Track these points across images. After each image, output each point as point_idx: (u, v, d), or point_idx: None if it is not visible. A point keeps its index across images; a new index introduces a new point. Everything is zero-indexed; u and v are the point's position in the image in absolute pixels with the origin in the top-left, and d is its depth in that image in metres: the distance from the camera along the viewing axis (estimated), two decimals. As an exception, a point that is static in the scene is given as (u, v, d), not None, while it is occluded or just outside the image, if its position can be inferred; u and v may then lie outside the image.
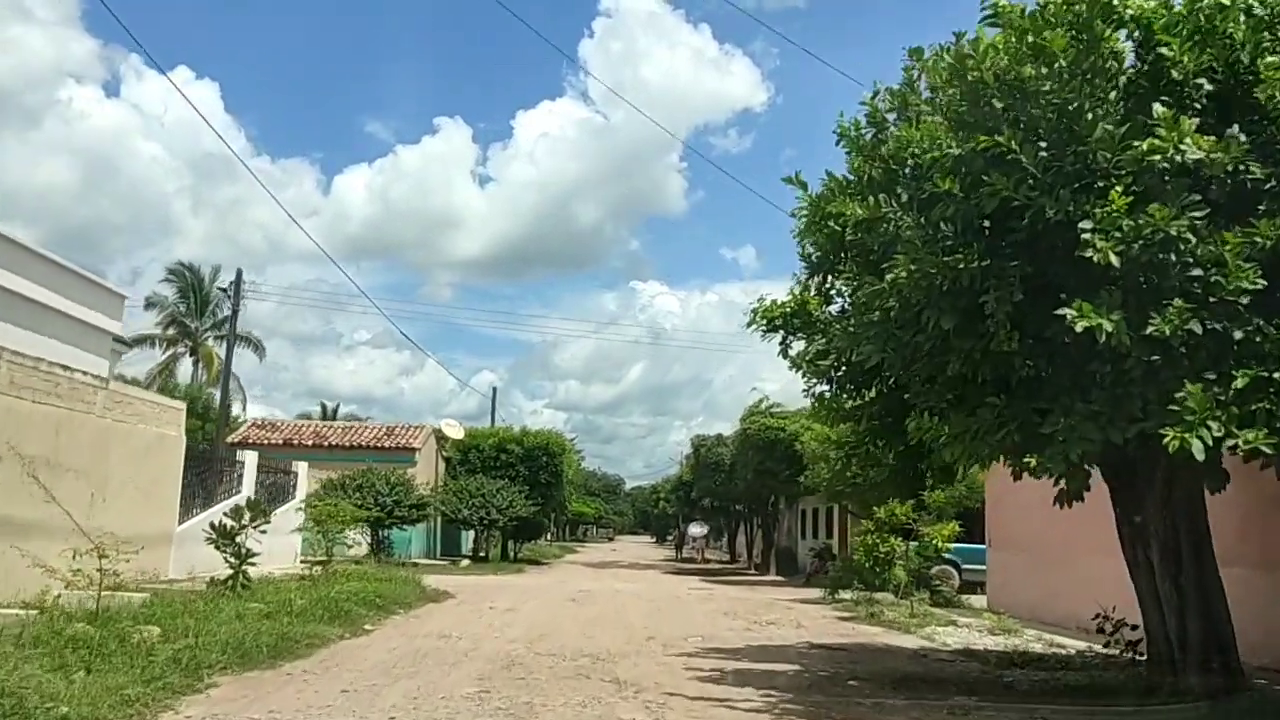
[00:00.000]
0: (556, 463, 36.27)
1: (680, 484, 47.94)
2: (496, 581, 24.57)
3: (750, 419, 27.61)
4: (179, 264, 56.99)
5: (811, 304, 10.06)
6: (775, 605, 19.10)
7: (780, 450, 26.81)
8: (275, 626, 10.26)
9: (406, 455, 32.23)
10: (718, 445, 32.94)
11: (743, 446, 27.87)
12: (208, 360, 53.83)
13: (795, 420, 27.35)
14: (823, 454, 19.95)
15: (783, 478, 27.03)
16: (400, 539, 31.28)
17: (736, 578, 32.73)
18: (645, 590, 23.15)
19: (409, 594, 16.74)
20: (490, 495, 32.98)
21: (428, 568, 29.03)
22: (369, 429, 33.45)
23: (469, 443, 36.49)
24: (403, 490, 28.80)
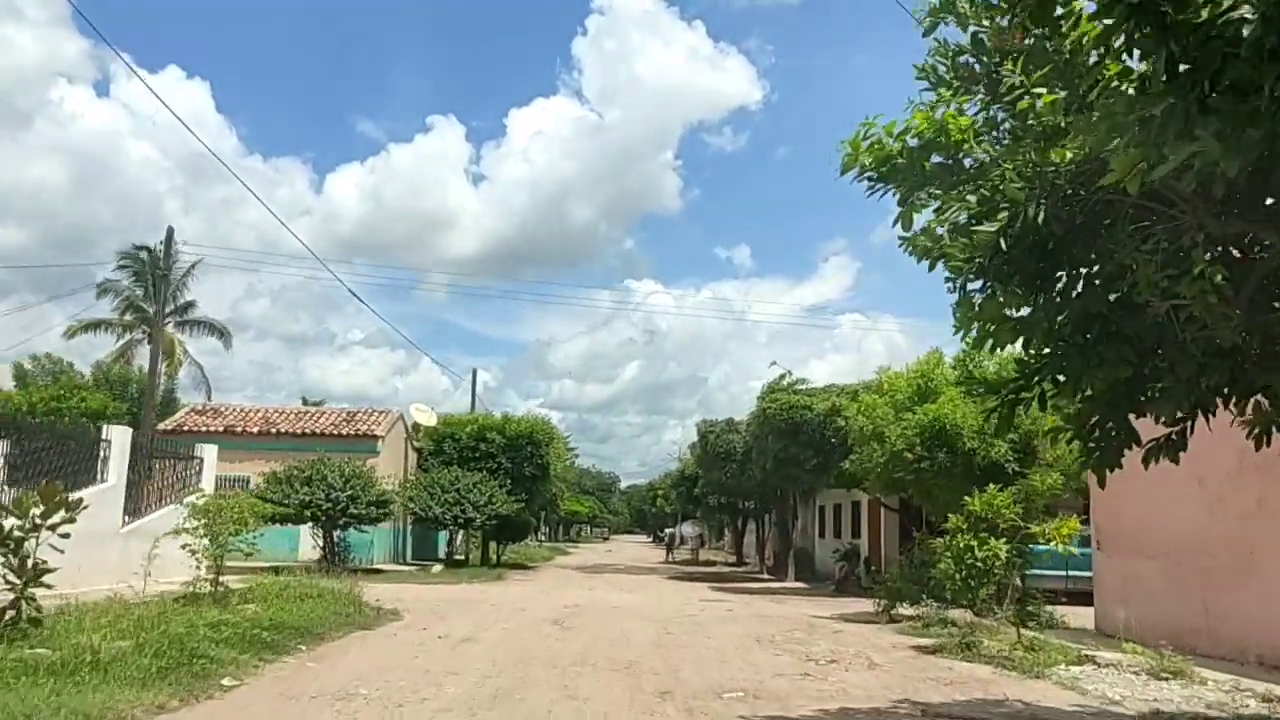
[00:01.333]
0: (543, 453, 31.87)
1: (682, 479, 43.61)
2: (466, 593, 20.18)
3: (771, 397, 23.30)
4: (134, 247, 52.26)
5: (957, 125, 5.65)
6: (818, 627, 14.76)
7: (808, 433, 22.50)
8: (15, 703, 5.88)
9: (368, 444, 27.84)
10: (728, 432, 28.64)
11: (760, 430, 23.53)
12: (168, 348, 49.56)
13: (825, 398, 23.03)
14: (876, 432, 15.63)
15: (810, 466, 22.73)
16: (360, 542, 26.90)
17: (751, 584, 28.38)
18: (648, 604, 18.81)
19: (334, 618, 12.39)
20: (466, 490, 28.59)
21: (388, 576, 24.65)
22: (325, 414, 29.12)
23: (443, 431, 32.07)
24: (360, 484, 24.42)
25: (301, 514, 23.85)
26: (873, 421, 15.67)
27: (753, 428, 24.26)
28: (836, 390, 23.39)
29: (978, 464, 15.02)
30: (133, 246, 50.78)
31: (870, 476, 15.99)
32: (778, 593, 24.12)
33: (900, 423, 15.33)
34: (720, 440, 28.42)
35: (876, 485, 16.18)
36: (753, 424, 24.41)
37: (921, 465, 14.87)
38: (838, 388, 23.58)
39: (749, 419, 25.38)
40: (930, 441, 14.91)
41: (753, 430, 24.36)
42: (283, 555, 27.15)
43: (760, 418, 23.56)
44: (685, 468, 43.43)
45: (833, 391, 23.33)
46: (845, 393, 23.03)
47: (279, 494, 23.91)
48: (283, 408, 30.16)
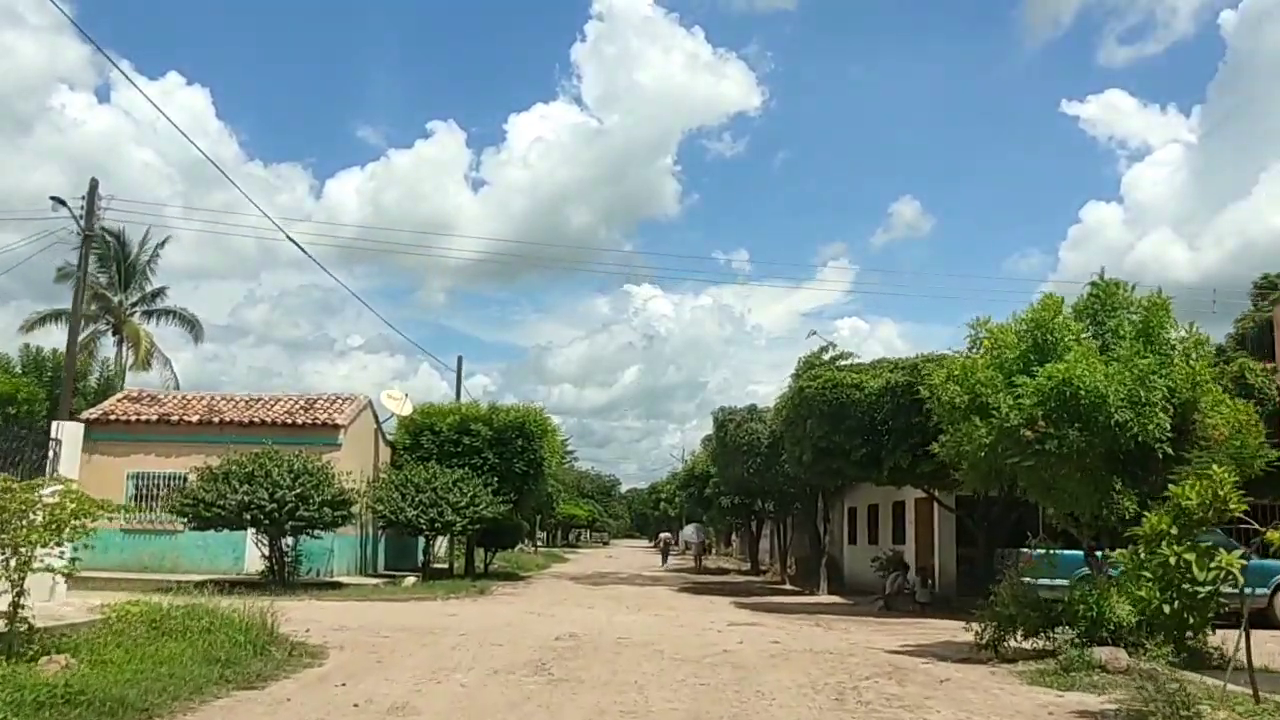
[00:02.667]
0: (535, 447, 27.71)
1: (691, 478, 39.41)
2: (434, 616, 16.01)
3: (810, 375, 19.14)
4: (100, 229, 47.86)
5: None
6: (907, 671, 10.61)
7: (856, 417, 18.35)
8: None
9: (327, 435, 23.67)
10: (751, 420, 24.51)
11: (796, 415, 19.38)
12: (133, 339, 45.50)
13: (876, 374, 18.89)
14: (976, 404, 11.45)
15: (857, 457, 18.56)
16: (317, 550, 22.73)
17: (778, 599, 24.20)
18: (664, 630, 14.66)
19: (202, 672, 8.26)
20: (444, 489, 24.44)
21: (346, 592, 20.50)
22: (279, 401, 24.98)
23: (420, 422, 27.91)
24: (313, 481, 20.25)
25: (239, 517, 19.70)
26: (970, 390, 11.55)
27: (785, 412, 20.10)
28: (889, 365, 19.26)
29: (1123, 445, 10.90)
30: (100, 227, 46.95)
31: (965, 465, 11.89)
32: (815, 610, 19.95)
33: (1011, 391, 11.23)
34: (741, 431, 24.29)
35: (973, 476, 12.05)
36: (785, 407, 20.25)
37: (1044, 446, 10.76)
38: (889, 362, 19.45)
39: (779, 403, 21.22)
40: (1057, 414, 10.80)
41: (785, 416, 20.20)
42: (225, 566, 23.07)
43: (795, 399, 19.41)
44: (695, 465, 39.25)
45: (884, 367, 19.20)
46: (900, 367, 18.89)
47: (213, 493, 19.78)
48: (231, 395, 26.01)
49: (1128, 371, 11.01)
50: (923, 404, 18.31)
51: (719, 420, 25.52)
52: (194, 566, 23.09)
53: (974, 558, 22.62)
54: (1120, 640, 10.86)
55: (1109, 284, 12.19)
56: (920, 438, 18.16)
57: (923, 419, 18.20)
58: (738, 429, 24.41)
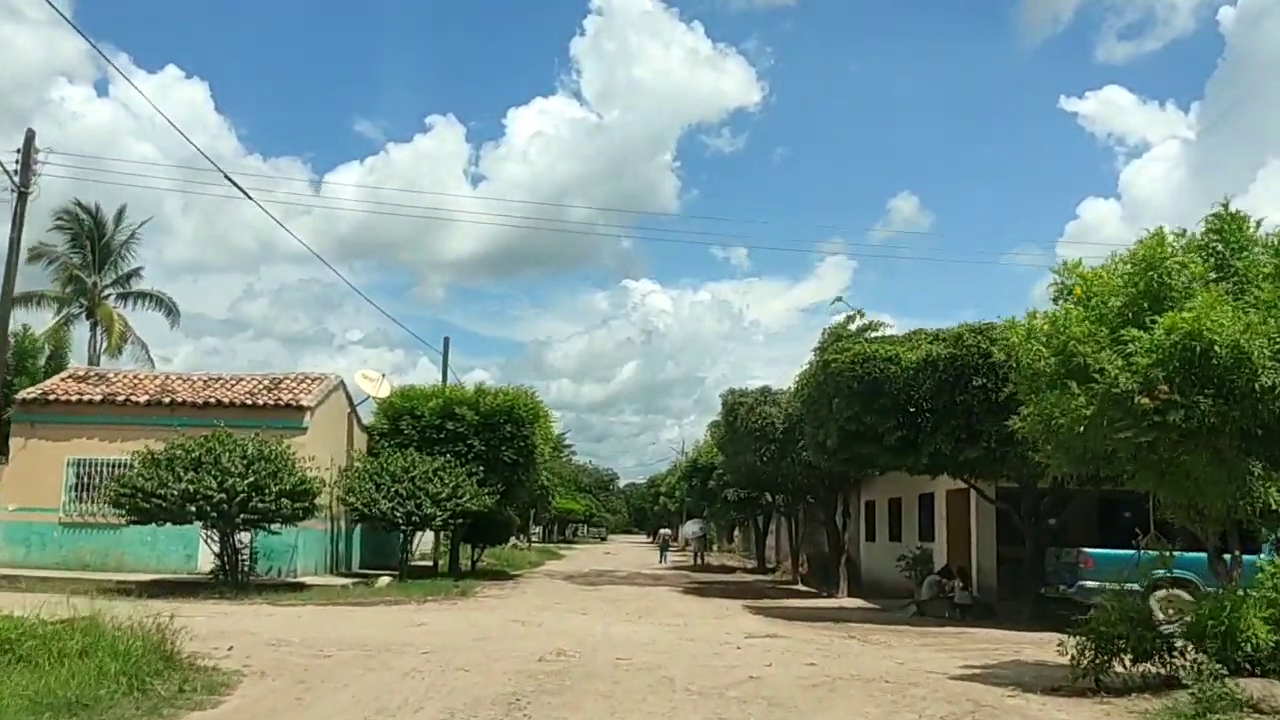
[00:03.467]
0: (526, 434, 25.24)
1: (693, 469, 36.92)
2: (396, 628, 13.53)
3: (836, 348, 16.65)
4: (75, 203, 45.17)
5: None
6: (1000, 716, 8.13)
7: (891, 395, 15.87)
8: None
9: (292, 418, 21.17)
10: (763, 403, 22.03)
11: (819, 394, 16.89)
12: (108, 322, 42.99)
13: (913, 346, 16.42)
14: (1074, 367, 8.93)
15: (892, 441, 16.08)
16: (278, 547, 20.27)
17: (795, 602, 21.76)
18: (673, 646, 12.20)
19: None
20: (423, 479, 21.99)
21: (306, 594, 18.09)
22: (241, 381, 22.48)
23: (400, 405, 25.43)
24: (269, 468, 17.78)
25: (183, 509, 17.23)
26: (1062, 349, 9.07)
27: (806, 391, 17.61)
28: (927, 336, 16.78)
29: (1264, 417, 8.45)
30: (74, 202, 44.31)
31: (1053, 444, 9.42)
32: (840, 617, 17.51)
33: (1118, 348, 8.76)
34: (753, 415, 21.81)
35: (1063, 458, 9.59)
36: (806, 386, 17.76)
37: (1166, 418, 8.31)
38: (927, 333, 16.97)
39: (798, 382, 18.72)
40: (1182, 377, 8.35)
41: (806, 396, 17.72)
42: (175, 564, 20.63)
43: (819, 376, 16.93)
44: (698, 456, 36.79)
45: (922, 338, 16.71)
46: (941, 338, 16.43)
47: (153, 482, 17.30)
48: (187, 374, 23.51)
49: (1273, 320, 8.54)
50: (968, 380, 15.95)
51: (728, 404, 23.02)
52: (140, 565, 20.63)
53: (1016, 557, 20.19)
54: (1258, 667, 8.45)
55: (1233, 216, 9.71)
56: (965, 419, 15.77)
57: (968, 398, 15.80)
58: (749, 413, 21.92)
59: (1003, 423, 15.67)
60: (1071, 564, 16.16)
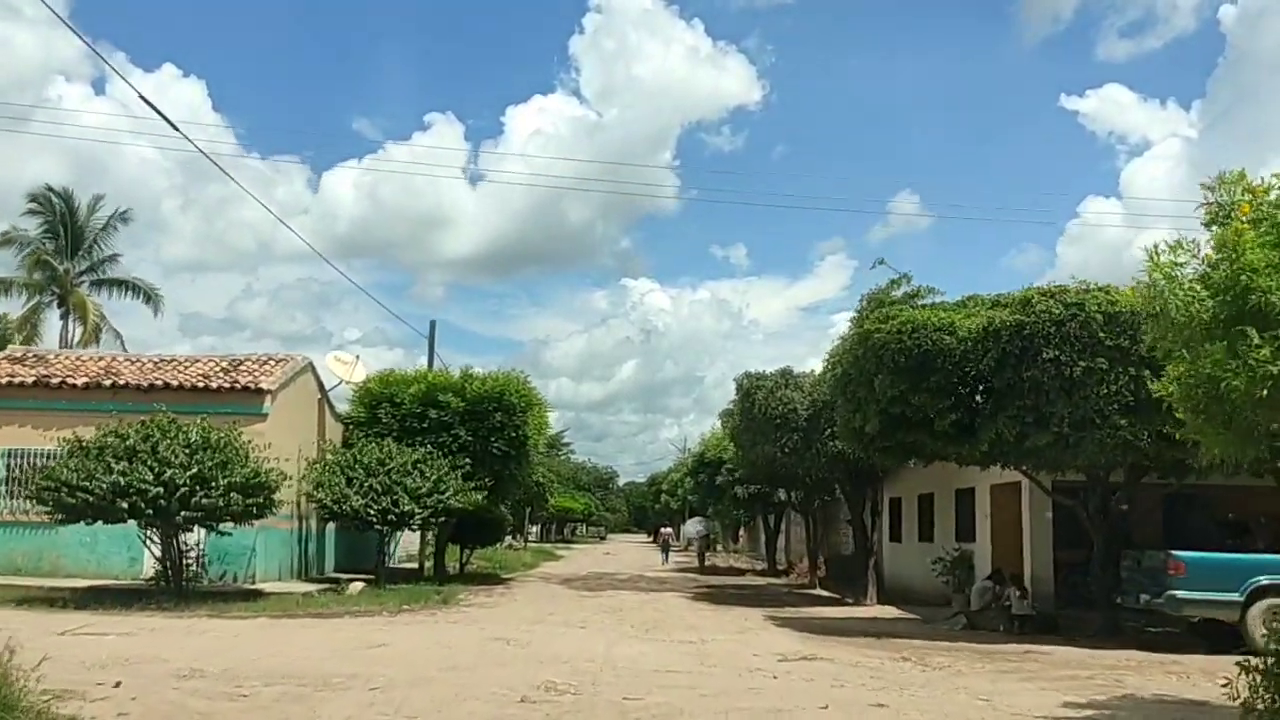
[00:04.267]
0: (518, 423, 22.78)
1: (700, 464, 34.43)
2: (352, 647, 11.04)
3: (878, 315, 14.13)
4: (47, 188, 42.83)
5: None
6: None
7: (945, 371, 13.40)
8: None
9: (250, 403, 18.68)
10: (785, 387, 19.56)
11: (856, 371, 14.38)
12: (80, 310, 40.62)
13: (971, 312, 13.96)
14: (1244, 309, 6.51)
15: (944, 425, 13.59)
16: (235, 548, 17.83)
17: (822, 611, 19.30)
18: (693, 674, 9.73)
19: None
20: (401, 472, 19.53)
21: (259, 605, 15.63)
22: (196, 363, 19.98)
23: (377, 392, 22.97)
24: (216, 458, 15.31)
25: (113, 505, 14.75)
26: (1233, 286, 6.63)
27: (841, 368, 15.10)
28: (985, 302, 14.31)
29: None
30: (45, 187, 41.97)
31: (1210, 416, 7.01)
32: (881, 631, 15.05)
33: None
34: (774, 400, 19.33)
35: (1223, 439, 7.15)
36: (840, 362, 15.24)
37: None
38: (984, 299, 14.49)
39: (830, 359, 16.20)
40: None
41: (839, 374, 15.21)
42: (118, 568, 18.19)
43: (857, 350, 14.44)
44: (705, 449, 34.31)
45: (980, 304, 14.23)
46: (1002, 304, 13.97)
47: (80, 473, 14.82)
48: (136, 356, 21.02)
49: None
50: (1038, 353, 13.41)
51: (745, 388, 20.50)
52: (79, 569, 18.19)
53: (1074, 560, 17.75)
54: None
55: None
56: (1033, 399, 13.30)
57: (1037, 373, 13.27)
58: (769, 398, 19.43)
59: (1078, 402, 13.37)
60: (1157, 569, 13.69)
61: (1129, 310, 13.14)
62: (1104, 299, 13.30)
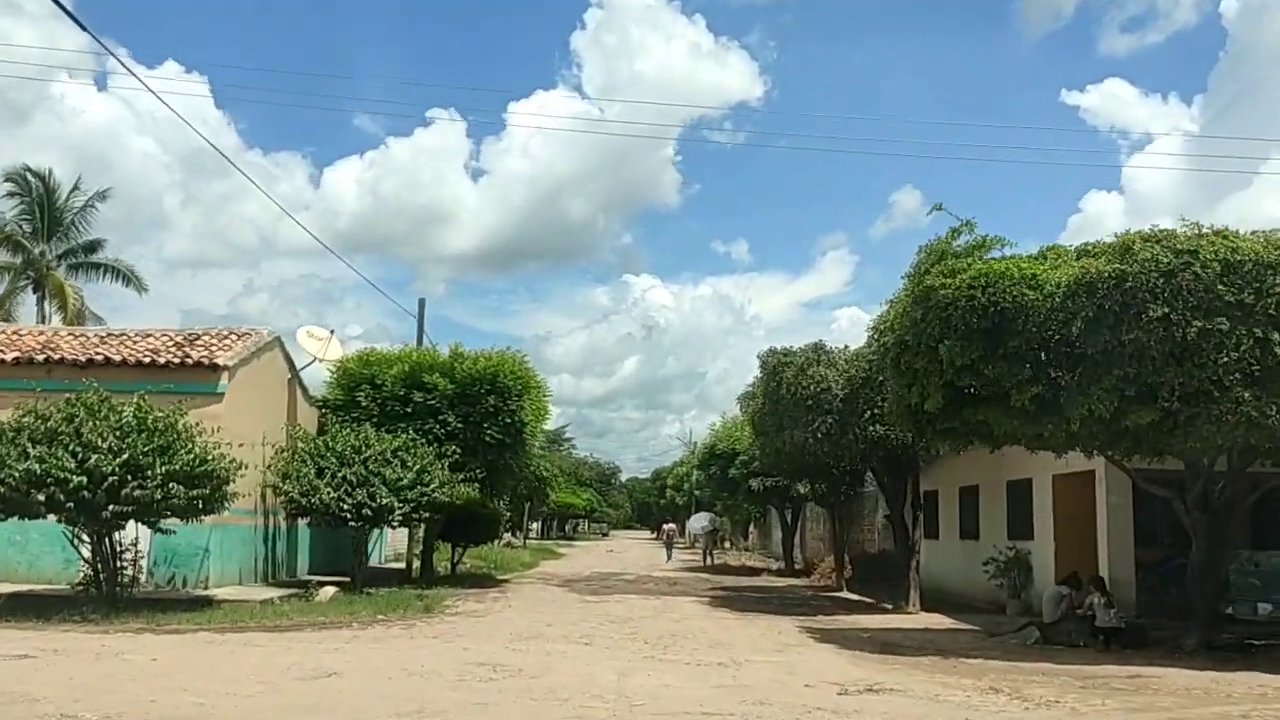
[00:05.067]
0: (513, 408, 20.40)
1: (711, 456, 31.99)
2: (290, 677, 8.64)
3: (943, 269, 11.65)
4: (25, 169, 40.54)
5: None
6: None
7: (1026, 335, 10.96)
8: None
9: (205, 381, 16.27)
10: (815, 364, 17.10)
11: (915, 337, 11.91)
12: (58, 294, 38.35)
13: (1059, 264, 11.52)
14: None
15: (1024, 400, 11.14)
16: (187, 549, 15.45)
17: (856, 618, 16.89)
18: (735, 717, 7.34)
19: None
20: (379, 461, 17.16)
21: (206, 614, 13.25)
22: (147, 337, 17.54)
23: (356, 372, 20.59)
24: (153, 443, 12.92)
25: (28, 497, 12.36)
26: None
27: (895, 334, 12.60)
28: (1069, 253, 11.86)
29: None
30: (23, 167, 39.75)
31: None
32: (943, 648, 12.65)
33: None
34: (804, 379, 16.90)
35: None
36: (893, 328, 12.74)
37: None
38: (1066, 249, 12.05)
39: (876, 327, 13.69)
40: None
41: (892, 341, 12.72)
42: (50, 570, 15.83)
43: (915, 313, 11.99)
44: (716, 440, 31.87)
45: (1064, 255, 11.78)
46: (1091, 252, 11.55)
47: None
48: (81, 330, 18.67)
49: None
50: (1142, 310, 10.91)
51: (770, 366, 18.02)
52: (8, 571, 15.94)
53: (1152, 561, 15.40)
54: None
55: None
56: (1135, 367, 10.89)
57: (1141, 335, 10.83)
58: (798, 376, 16.98)
59: (1190, 371, 10.96)
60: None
61: (1253, 260, 10.82)
62: (1222, 245, 10.91)
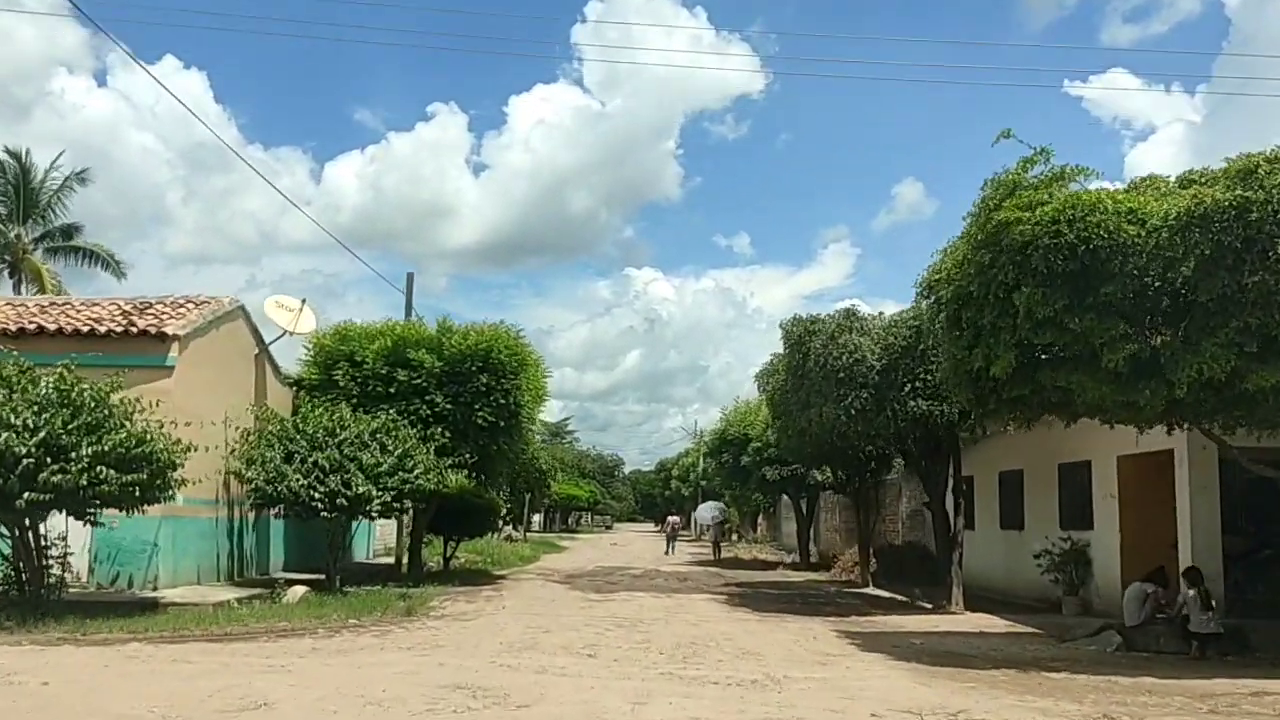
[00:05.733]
0: (508, 387, 18.41)
1: (722, 443, 29.98)
2: (210, 711, 6.67)
3: (1017, 202, 9.65)
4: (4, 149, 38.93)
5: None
6: None
7: (1124, 280, 8.98)
8: None
9: (151, 353, 14.26)
10: (848, 331, 15.02)
11: (982, 285, 9.92)
12: (35, 279, 36.62)
13: (1163, 196, 9.51)
14: None
15: (1117, 360, 9.16)
16: (133, 544, 13.49)
17: (893, 618, 14.89)
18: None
19: None
20: (355, 444, 15.19)
21: (147, 619, 11.28)
22: (94, 306, 15.55)
23: (334, 348, 18.62)
24: (80, 418, 10.96)
25: (-79, 485, 10.40)
26: None
27: (955, 285, 10.57)
28: (1169, 182, 9.86)
29: None
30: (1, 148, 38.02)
31: None
32: (1012, 657, 10.69)
33: None
34: (835, 349, 14.89)
35: None
36: (954, 276, 10.69)
37: None
38: (1169, 180, 10.04)
39: (928, 278, 11.59)
40: None
41: (951, 293, 10.69)
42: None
43: (982, 257, 9.97)
44: (727, 426, 29.86)
45: (1163, 185, 9.78)
46: (1206, 178, 9.55)
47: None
48: (21, 300, 16.79)
49: None
50: (1270, 246, 9.09)
51: (795, 336, 15.96)
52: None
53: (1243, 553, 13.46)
54: None
55: None
56: (1262, 316, 8.90)
57: (1266, 279, 8.91)
58: (829, 346, 14.97)
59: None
60: None
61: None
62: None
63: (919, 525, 26.10)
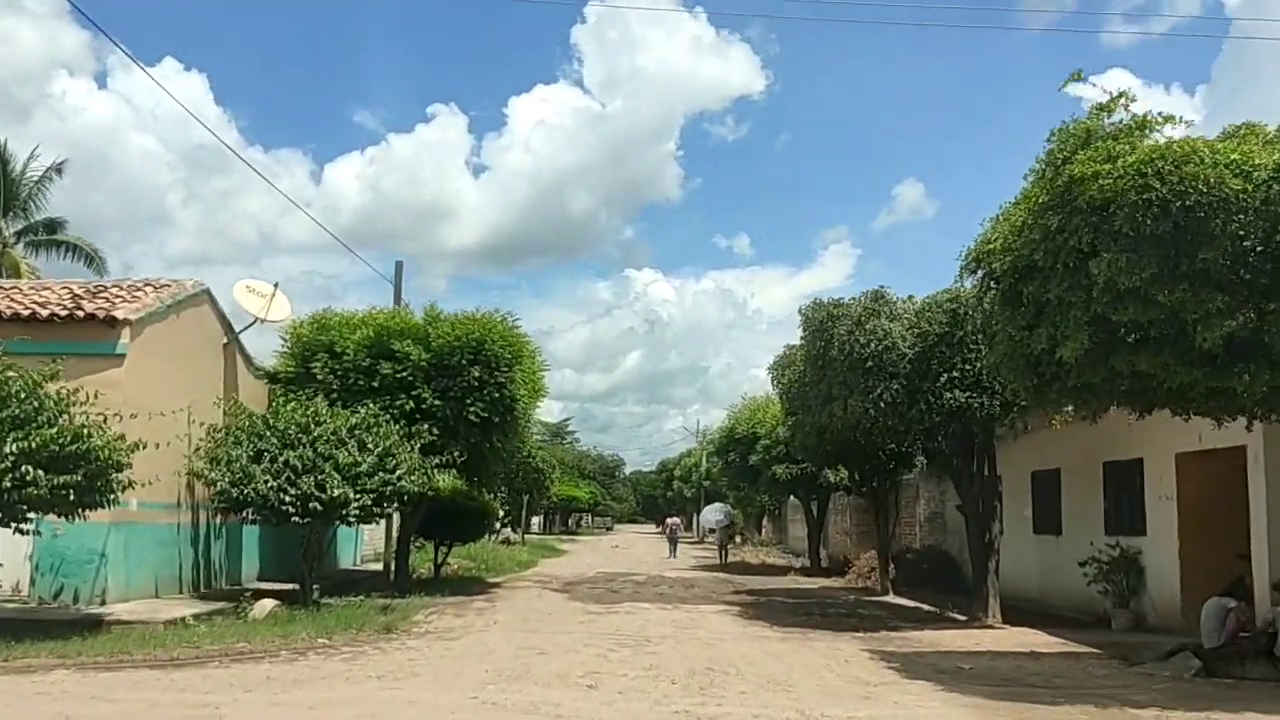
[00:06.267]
0: (502, 380, 16.94)
1: (730, 441, 28.50)
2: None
3: (1096, 153, 8.20)
4: None
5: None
6: None
7: (1224, 242, 7.56)
8: None
9: (99, 340, 12.78)
10: (876, 316, 13.51)
11: (1049, 250, 8.50)
12: (15, 273, 35.17)
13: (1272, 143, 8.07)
14: None
15: (1216, 339, 7.72)
16: (79, 551, 12.04)
17: (940, 637, 13.39)
18: None
19: None
20: (333, 442, 13.74)
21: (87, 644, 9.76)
22: (45, 290, 14.10)
23: (312, 339, 17.16)
24: (3, 409, 9.50)
25: None
26: None
27: (1015, 251, 9.08)
28: (1269, 130, 8.44)
29: None
30: (-25, 138, 36.77)
31: None
32: (1078, 683, 9.25)
33: None
34: (861, 334, 13.44)
35: None
36: (1011, 245, 9.20)
37: None
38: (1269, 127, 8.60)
39: (980, 248, 10.06)
40: None
41: (1010, 262, 9.19)
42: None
43: (1053, 216, 8.51)
44: (735, 424, 28.39)
45: (1264, 132, 8.37)
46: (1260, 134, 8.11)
47: None
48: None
49: None
50: None
51: (816, 322, 14.46)
52: None
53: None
54: None
55: None
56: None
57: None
58: (855, 332, 13.51)
59: None
60: None
61: None
62: None
63: (938, 529, 24.64)
